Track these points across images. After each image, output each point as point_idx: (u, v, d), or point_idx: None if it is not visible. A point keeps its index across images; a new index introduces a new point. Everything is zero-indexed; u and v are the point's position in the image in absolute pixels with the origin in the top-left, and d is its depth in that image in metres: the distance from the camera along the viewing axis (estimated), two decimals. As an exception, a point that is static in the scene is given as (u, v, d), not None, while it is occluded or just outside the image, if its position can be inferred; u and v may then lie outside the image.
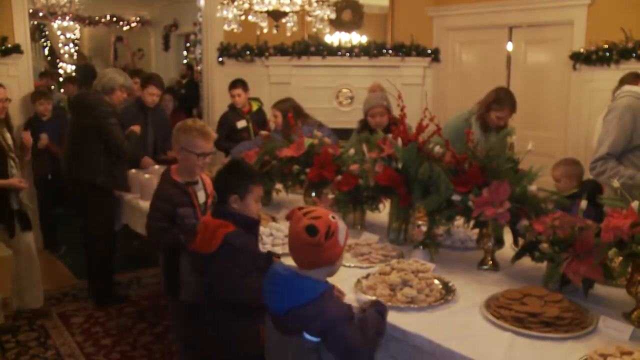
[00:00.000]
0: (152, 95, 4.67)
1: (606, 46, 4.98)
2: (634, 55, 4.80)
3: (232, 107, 5.40)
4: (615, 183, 2.27)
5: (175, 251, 2.65)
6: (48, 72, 8.94)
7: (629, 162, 2.95)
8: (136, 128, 4.31)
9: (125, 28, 12.74)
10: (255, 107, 5.50)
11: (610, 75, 4.70)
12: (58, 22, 11.79)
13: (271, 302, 1.79)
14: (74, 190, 4.24)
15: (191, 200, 2.73)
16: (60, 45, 12.35)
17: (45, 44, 12.32)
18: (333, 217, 1.79)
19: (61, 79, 10.11)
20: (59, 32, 12.24)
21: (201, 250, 2.18)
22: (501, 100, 3.49)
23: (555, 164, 3.65)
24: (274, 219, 3.10)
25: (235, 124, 5.25)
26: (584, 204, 2.27)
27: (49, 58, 12.36)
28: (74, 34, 12.45)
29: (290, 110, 4.24)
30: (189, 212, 2.68)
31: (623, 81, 4.23)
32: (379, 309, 1.87)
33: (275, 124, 4.44)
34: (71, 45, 12.39)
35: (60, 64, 12.30)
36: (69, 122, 4.29)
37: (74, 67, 12.08)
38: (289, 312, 1.71)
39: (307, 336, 1.67)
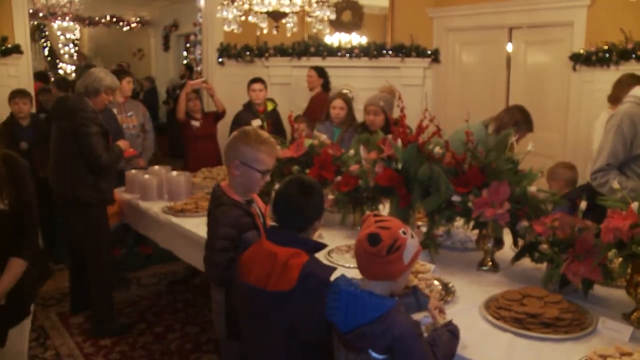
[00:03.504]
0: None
1: (606, 47, 4.98)
2: (634, 56, 4.80)
3: (247, 106, 5.43)
4: (615, 184, 2.26)
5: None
6: (41, 73, 8.84)
7: (631, 172, 2.82)
8: (122, 144, 3.87)
9: (125, 28, 12.75)
10: (270, 107, 5.53)
11: (610, 76, 4.70)
12: (58, 22, 11.82)
13: (336, 319, 1.69)
14: (63, 207, 3.81)
15: (255, 222, 2.29)
16: (60, 45, 12.36)
17: (45, 44, 12.33)
18: (404, 232, 1.66)
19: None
20: (59, 33, 12.26)
21: (269, 287, 1.86)
22: (519, 124, 3.54)
23: (553, 167, 3.68)
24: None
25: (250, 122, 5.25)
26: (583, 204, 2.27)
27: (49, 58, 12.37)
28: (74, 35, 12.46)
29: (351, 103, 4.55)
30: (255, 237, 2.16)
31: (620, 82, 4.24)
32: (450, 329, 1.78)
33: (341, 115, 4.43)
34: (71, 45, 12.41)
35: (60, 65, 12.31)
36: (53, 129, 3.77)
37: (73, 68, 12.09)
38: (354, 330, 1.63)
39: (374, 354, 1.60)
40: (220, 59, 6.68)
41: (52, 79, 8.66)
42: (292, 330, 1.86)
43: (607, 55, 4.96)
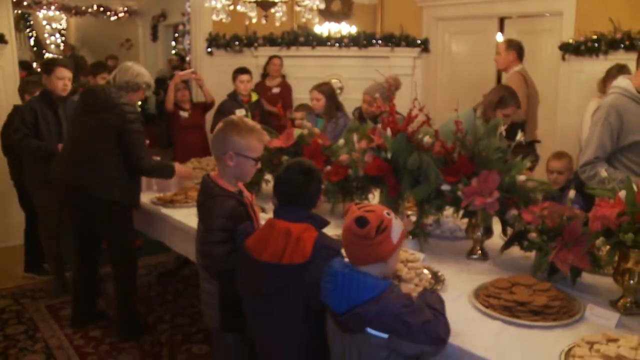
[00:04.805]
0: (62, 79, 4.04)
1: (595, 37, 5.00)
2: (622, 46, 4.82)
3: (232, 96, 5.42)
4: (604, 172, 2.28)
5: (234, 276, 2.17)
6: (25, 63, 8.71)
7: (619, 163, 2.81)
8: (181, 170, 3.69)
9: (112, 18, 12.61)
10: (254, 97, 5.54)
11: (598, 66, 4.72)
12: (43, 11, 11.65)
13: (331, 301, 1.73)
14: (78, 203, 3.46)
15: (247, 212, 2.29)
16: (46, 35, 12.20)
17: (30, 34, 12.16)
18: (388, 214, 1.73)
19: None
20: (44, 22, 12.09)
21: (284, 261, 1.90)
22: (505, 99, 3.49)
23: (557, 155, 3.66)
24: (263, 210, 3.09)
25: (234, 112, 5.24)
26: (572, 193, 2.29)
27: (34, 48, 12.21)
28: (60, 24, 12.30)
29: (332, 93, 4.58)
30: (252, 227, 2.20)
31: (609, 73, 4.26)
32: (431, 292, 1.89)
33: (317, 106, 4.52)
34: (57, 35, 12.25)
35: (47, 55, 12.15)
36: (71, 121, 3.52)
37: (61, 58, 11.96)
38: (350, 311, 1.67)
39: (372, 332, 1.63)
40: (209, 49, 6.63)
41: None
42: (310, 298, 1.87)
43: (596, 45, 4.98)
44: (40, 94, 4.11)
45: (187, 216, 3.20)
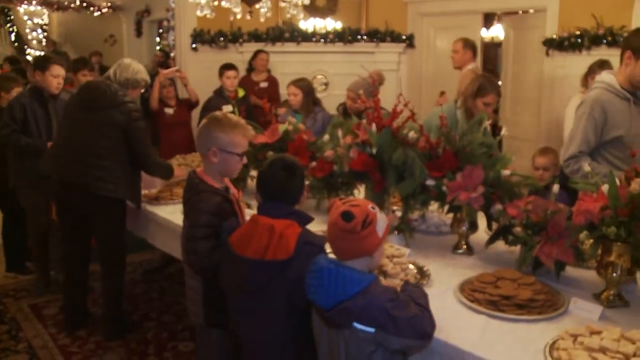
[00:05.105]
0: (57, 77, 3.96)
1: (578, 32, 5.04)
2: (605, 41, 4.87)
3: (219, 93, 5.38)
4: (587, 167, 2.30)
5: (218, 272, 2.15)
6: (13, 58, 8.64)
7: (602, 159, 2.82)
8: (178, 171, 3.56)
9: (96, 14, 12.48)
10: (240, 93, 5.50)
11: (581, 61, 4.77)
12: (24, 6, 11.49)
13: (317, 297, 1.73)
14: (75, 201, 3.35)
15: (233, 208, 2.29)
16: (27, 30, 12.04)
17: (11, 29, 12.00)
18: (373, 208, 1.74)
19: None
20: (25, 17, 11.93)
21: (266, 257, 1.90)
22: (484, 86, 3.47)
23: (543, 151, 3.67)
24: (249, 207, 3.08)
25: (221, 109, 5.19)
26: (555, 188, 2.31)
27: (15, 44, 12.05)
28: (42, 19, 12.15)
29: (309, 88, 4.53)
30: (237, 224, 2.20)
31: (591, 69, 4.30)
32: (414, 286, 1.88)
33: (294, 102, 4.49)
34: (39, 30, 12.09)
35: (29, 51, 12.00)
36: (69, 117, 3.41)
37: (43, 54, 11.82)
38: (337, 306, 1.66)
39: (359, 326, 1.63)
40: (194, 45, 6.59)
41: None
42: (293, 295, 1.87)
43: (579, 40, 5.03)
44: (31, 90, 4.01)
45: (172, 213, 3.18)
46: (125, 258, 3.59)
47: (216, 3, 4.64)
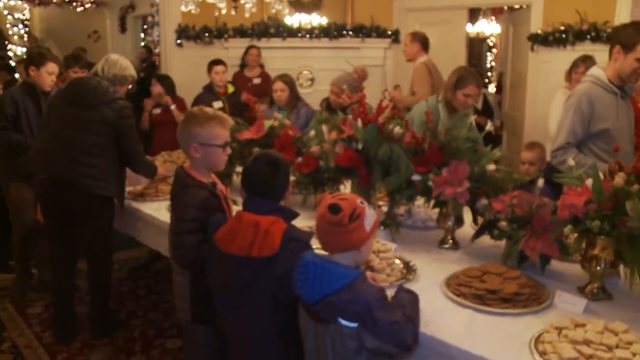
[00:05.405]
0: (51, 75, 3.91)
1: (562, 28, 5.08)
2: (589, 37, 4.92)
3: (208, 88, 5.34)
4: (571, 161, 2.32)
5: (205, 268, 2.14)
6: None
7: (588, 151, 2.87)
8: (163, 169, 3.58)
9: (79, 9, 12.32)
10: (230, 89, 5.47)
11: (566, 57, 4.81)
12: (4, 1, 11.31)
13: (303, 292, 1.73)
14: (63, 199, 3.28)
15: (220, 203, 2.29)
16: (8, 26, 11.85)
17: (-10, 24, 11.81)
18: (361, 202, 1.74)
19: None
20: (5, 12, 11.74)
21: (252, 254, 1.88)
22: (463, 77, 3.45)
23: (529, 146, 3.69)
24: (235, 203, 3.06)
25: (211, 104, 5.15)
26: (540, 182, 2.32)
27: (-5, 40, 11.86)
28: (23, 14, 11.96)
29: (294, 84, 4.51)
30: (224, 219, 2.19)
31: (574, 64, 4.35)
32: (406, 291, 1.86)
33: (282, 97, 4.45)
34: (20, 26, 11.91)
35: (10, 47, 11.82)
36: (56, 112, 3.33)
37: (24, 50, 11.63)
38: (322, 300, 1.67)
39: (343, 322, 1.63)
40: (179, 41, 6.54)
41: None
42: (279, 291, 1.87)
43: (564, 36, 5.07)
44: (22, 85, 3.95)
45: (158, 210, 3.17)
46: (111, 256, 3.55)
47: (201, -2, 4.62)
